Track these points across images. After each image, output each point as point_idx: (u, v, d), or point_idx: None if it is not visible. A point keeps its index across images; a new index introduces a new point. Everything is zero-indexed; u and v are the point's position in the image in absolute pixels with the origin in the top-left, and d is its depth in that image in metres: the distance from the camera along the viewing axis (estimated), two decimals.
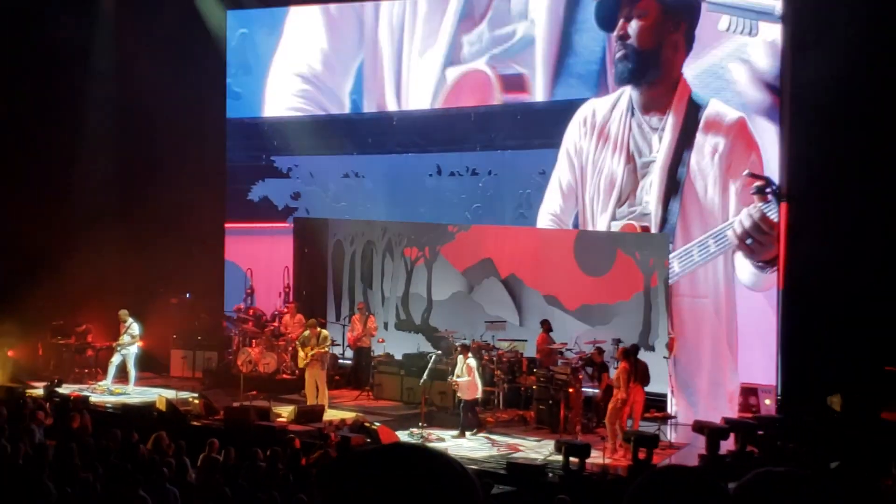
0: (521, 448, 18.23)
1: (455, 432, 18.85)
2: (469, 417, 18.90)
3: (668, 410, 18.57)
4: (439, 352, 21.10)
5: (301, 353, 20.51)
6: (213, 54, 24.64)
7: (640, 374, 17.76)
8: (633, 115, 20.18)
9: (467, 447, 18.03)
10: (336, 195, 23.99)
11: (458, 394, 19.06)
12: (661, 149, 19.86)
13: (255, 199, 24.85)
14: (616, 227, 20.67)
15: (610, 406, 17.63)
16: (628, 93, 20.28)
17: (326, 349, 20.47)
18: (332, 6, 23.79)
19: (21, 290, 22.61)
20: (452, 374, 19.76)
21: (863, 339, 18.03)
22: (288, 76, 24.25)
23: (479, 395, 19.18)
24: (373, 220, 24.38)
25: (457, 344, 20.10)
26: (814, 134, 18.52)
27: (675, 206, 19.81)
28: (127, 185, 24.67)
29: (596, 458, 16.58)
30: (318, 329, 20.62)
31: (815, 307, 18.34)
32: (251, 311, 24.04)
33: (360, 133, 23.48)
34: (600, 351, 19.11)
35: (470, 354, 19.07)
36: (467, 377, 18.76)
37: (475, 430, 18.82)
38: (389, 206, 23.65)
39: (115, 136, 24.65)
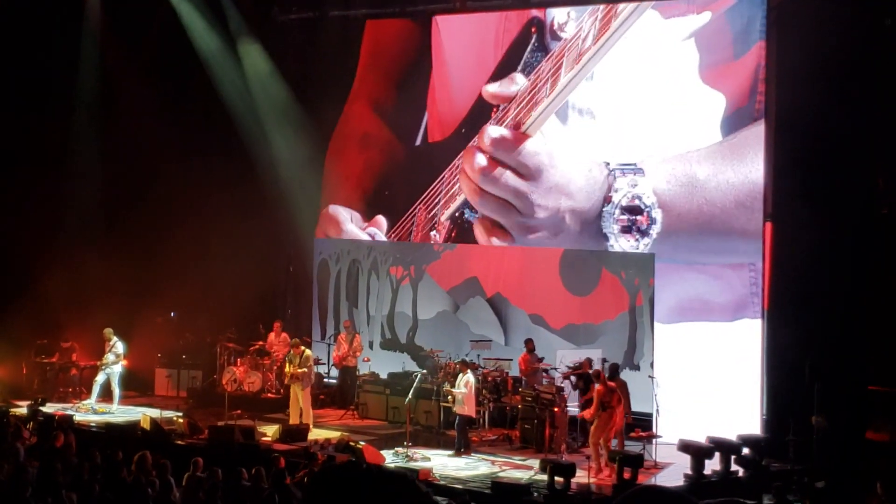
0: (519, 464, 18.26)
1: (449, 452, 18.83)
2: (461, 435, 18.90)
3: (653, 430, 18.57)
4: (424, 371, 21.09)
5: (287, 370, 20.53)
6: (198, 76, 24.61)
7: (618, 392, 17.81)
8: None
9: (453, 466, 17.99)
10: None
11: (454, 408, 19.05)
12: None
13: None
14: None
15: (593, 427, 17.64)
16: None
17: (306, 370, 20.41)
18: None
19: (4, 309, 22.54)
20: (439, 393, 19.84)
21: (847, 359, 18.10)
22: None
23: (473, 413, 19.19)
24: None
25: (456, 361, 20.14)
26: (797, 150, 18.66)
27: None
28: (111, 204, 24.64)
29: (581, 477, 16.59)
30: (301, 348, 20.61)
31: (800, 327, 18.39)
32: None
33: None
34: (590, 361, 19.19)
35: (469, 371, 19.09)
36: (465, 390, 18.77)
37: (463, 450, 18.79)
38: None
39: (99, 158, 24.61)
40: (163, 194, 24.40)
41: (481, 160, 21.09)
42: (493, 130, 21.15)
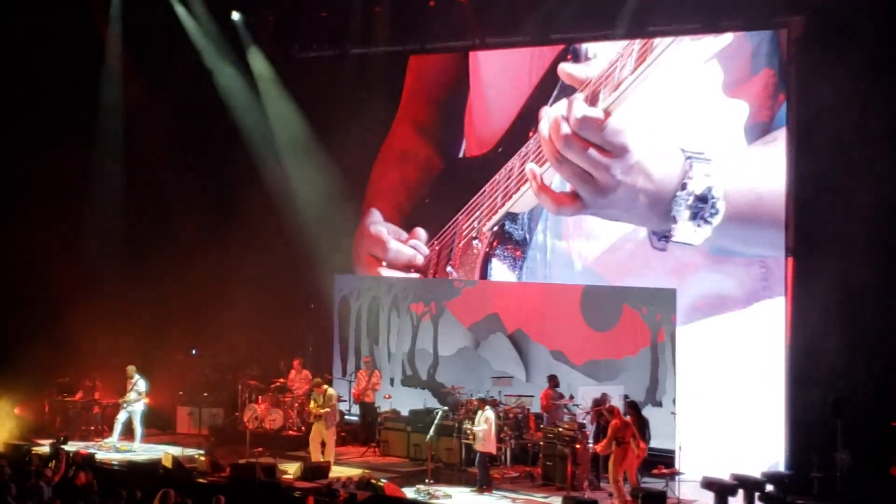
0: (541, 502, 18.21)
1: (469, 489, 18.80)
2: (482, 472, 18.85)
3: (676, 466, 18.50)
4: (446, 408, 21.06)
5: (311, 408, 20.49)
6: (218, 112, 24.74)
7: (632, 428, 17.82)
8: None
9: None
10: None
11: (474, 445, 19.02)
12: None
13: None
14: None
15: (610, 463, 17.63)
16: None
17: (329, 409, 20.35)
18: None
19: (27, 347, 22.59)
20: (460, 430, 19.81)
21: (871, 395, 18.01)
22: None
23: (494, 450, 19.15)
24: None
25: (475, 398, 20.12)
26: (818, 184, 18.66)
27: None
28: (132, 242, 24.67)
29: None
30: (324, 388, 20.57)
31: (822, 362, 18.32)
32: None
33: None
34: (607, 396, 19.30)
35: (488, 407, 19.07)
36: (484, 426, 18.74)
37: (485, 487, 18.74)
38: None
39: (120, 195, 24.69)
40: (183, 232, 24.47)
41: (566, 129, 20.42)
42: (578, 108, 20.42)
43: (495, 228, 22.47)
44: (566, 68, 21.12)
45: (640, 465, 18.10)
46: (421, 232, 23.54)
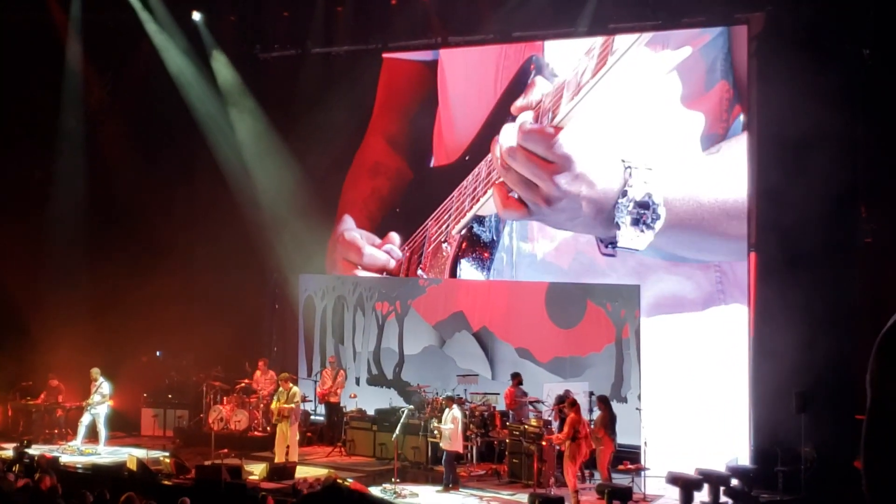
0: (508, 499, 18.21)
1: (436, 487, 18.80)
2: (449, 470, 18.85)
3: (642, 462, 18.55)
4: (411, 406, 21.06)
5: (273, 407, 20.50)
6: (180, 115, 24.63)
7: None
8: None
9: (441, 502, 17.93)
10: None
11: (441, 444, 19.02)
12: None
13: None
14: None
15: (566, 457, 17.70)
16: None
17: (294, 405, 20.35)
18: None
19: None
20: (426, 428, 19.80)
21: (834, 389, 18.10)
22: None
23: (460, 448, 19.15)
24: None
25: (442, 397, 20.12)
26: (779, 179, 18.75)
27: None
28: (95, 244, 24.55)
29: None
30: (289, 385, 20.55)
31: (786, 357, 18.40)
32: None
33: None
34: (568, 392, 19.26)
35: (455, 406, 19.07)
36: (451, 425, 18.75)
37: (451, 485, 18.73)
38: None
39: (84, 198, 24.56)
40: (147, 233, 24.35)
41: (511, 140, 21.02)
42: (525, 123, 21.05)
43: (463, 231, 22.58)
44: (518, 104, 21.55)
45: (610, 461, 18.21)
46: (394, 236, 23.68)
